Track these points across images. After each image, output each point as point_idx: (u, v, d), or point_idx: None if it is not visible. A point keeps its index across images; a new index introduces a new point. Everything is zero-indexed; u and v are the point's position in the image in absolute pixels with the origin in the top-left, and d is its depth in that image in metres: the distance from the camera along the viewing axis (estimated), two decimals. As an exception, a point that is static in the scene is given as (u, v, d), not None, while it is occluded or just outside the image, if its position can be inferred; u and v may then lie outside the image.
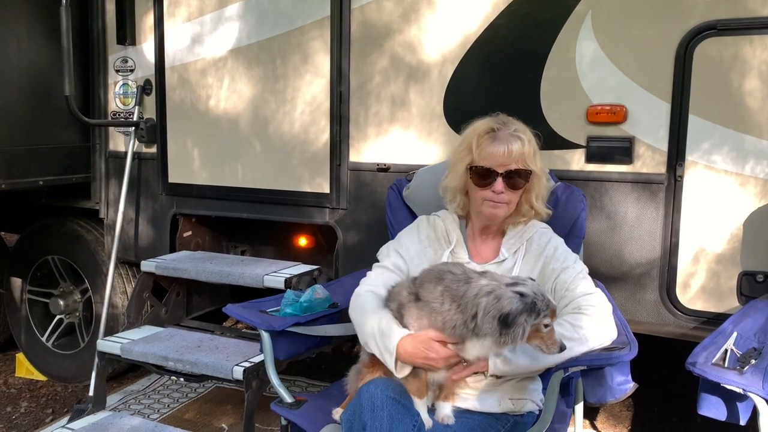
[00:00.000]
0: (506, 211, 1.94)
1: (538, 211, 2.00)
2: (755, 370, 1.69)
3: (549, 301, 1.66)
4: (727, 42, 2.22)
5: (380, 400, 1.65)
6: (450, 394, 1.82)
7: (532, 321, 1.62)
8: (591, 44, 2.40)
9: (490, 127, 1.93)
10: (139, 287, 3.21)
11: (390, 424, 1.63)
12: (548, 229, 2.04)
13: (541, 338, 1.66)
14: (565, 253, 1.95)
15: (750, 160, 2.23)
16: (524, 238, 1.98)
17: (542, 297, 1.65)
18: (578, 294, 1.84)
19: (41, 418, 3.44)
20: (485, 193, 1.91)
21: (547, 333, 1.66)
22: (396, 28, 2.71)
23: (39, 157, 3.30)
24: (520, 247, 1.97)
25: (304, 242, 3.41)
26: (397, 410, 1.65)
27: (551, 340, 1.66)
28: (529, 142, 1.93)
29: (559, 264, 1.91)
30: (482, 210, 1.94)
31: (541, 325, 1.64)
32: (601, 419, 3.18)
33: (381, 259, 2.05)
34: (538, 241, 1.97)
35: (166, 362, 2.82)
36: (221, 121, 3.16)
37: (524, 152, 1.89)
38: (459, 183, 2.00)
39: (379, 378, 1.78)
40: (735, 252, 2.27)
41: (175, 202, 3.34)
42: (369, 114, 2.81)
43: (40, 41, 3.27)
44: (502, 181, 1.88)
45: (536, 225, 2.01)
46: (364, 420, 1.64)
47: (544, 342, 1.66)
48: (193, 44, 3.18)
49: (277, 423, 2.14)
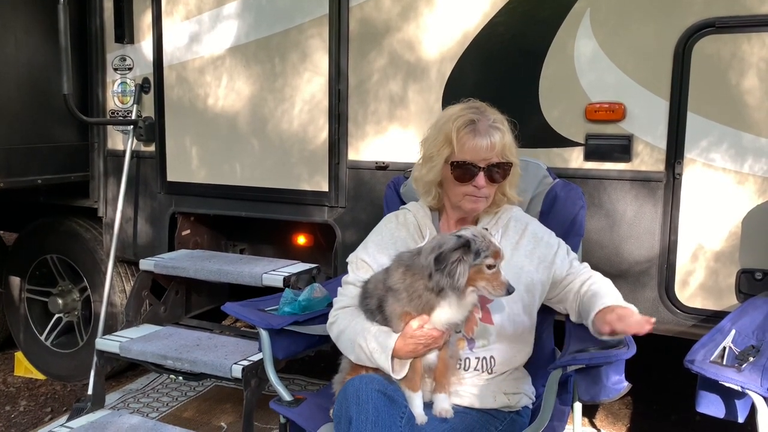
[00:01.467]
0: (486, 204, 1.92)
1: (510, 198, 1.99)
2: (753, 368, 1.69)
3: (491, 243, 1.69)
4: (725, 39, 2.22)
5: (365, 393, 1.63)
6: (444, 384, 1.81)
7: (471, 260, 1.65)
8: (589, 42, 2.39)
9: (470, 119, 1.86)
10: (137, 286, 3.20)
11: (376, 417, 1.60)
12: (519, 210, 2.03)
13: (487, 280, 1.69)
14: (546, 237, 1.97)
15: (748, 157, 2.23)
16: (500, 224, 1.96)
17: (482, 238, 1.68)
18: (581, 270, 1.94)
19: (40, 416, 3.44)
20: (466, 188, 1.87)
21: (492, 274, 1.68)
22: (395, 25, 2.71)
23: (37, 156, 3.30)
24: (496, 234, 1.92)
25: (303, 241, 3.40)
26: (383, 403, 1.63)
27: (497, 281, 1.69)
28: (508, 132, 1.90)
29: (546, 250, 1.94)
30: (462, 205, 1.91)
31: (484, 266, 1.67)
32: (600, 417, 3.18)
33: (350, 270, 2.00)
34: (514, 226, 1.97)
35: (165, 361, 2.81)
36: (220, 119, 3.16)
37: (505, 143, 1.86)
38: (436, 177, 1.93)
39: (364, 374, 1.76)
40: (733, 250, 2.27)
41: (174, 200, 3.33)
42: (368, 112, 2.81)
43: (38, 39, 3.26)
44: (484, 175, 1.85)
45: (509, 210, 2.00)
46: (350, 414, 1.62)
47: (491, 284, 1.69)
48: (192, 42, 3.18)
49: (276, 421, 2.14)
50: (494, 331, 1.88)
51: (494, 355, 1.89)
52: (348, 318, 1.88)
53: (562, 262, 1.93)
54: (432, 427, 1.73)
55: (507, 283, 1.69)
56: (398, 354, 1.73)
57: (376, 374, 1.74)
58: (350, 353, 1.83)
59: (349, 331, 1.84)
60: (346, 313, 1.90)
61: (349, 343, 1.83)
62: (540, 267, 1.92)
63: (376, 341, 1.76)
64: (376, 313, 1.80)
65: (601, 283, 1.90)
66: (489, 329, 1.88)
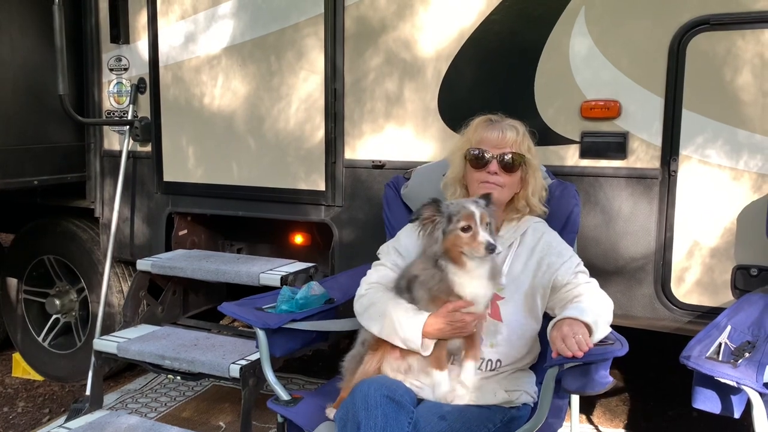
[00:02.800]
0: (500, 194, 1.99)
1: (533, 207, 2.05)
2: (749, 364, 1.70)
3: (463, 207, 1.80)
4: (720, 37, 2.23)
5: (374, 398, 1.66)
6: (474, 352, 1.87)
7: (444, 223, 1.79)
8: (585, 40, 2.40)
9: (488, 117, 2.06)
10: (135, 286, 3.20)
11: (384, 423, 1.63)
12: (542, 223, 2.07)
13: (466, 243, 1.77)
14: (560, 248, 1.99)
15: (743, 154, 2.24)
16: (518, 232, 2.02)
17: (456, 203, 1.83)
18: (581, 282, 1.92)
19: (38, 417, 3.43)
20: (481, 174, 1.98)
21: (469, 236, 1.77)
22: (390, 24, 2.71)
23: (33, 157, 3.30)
24: (514, 242, 2.01)
25: (300, 240, 3.41)
26: (392, 408, 1.66)
27: (475, 242, 1.77)
28: (524, 135, 2.02)
29: (556, 259, 1.95)
30: (479, 193, 1.98)
31: (458, 230, 1.77)
32: (597, 414, 3.19)
33: (381, 257, 2.10)
34: (531, 235, 2.02)
35: (163, 361, 2.81)
36: (216, 119, 3.15)
37: (518, 140, 1.99)
38: (458, 173, 2.07)
39: (372, 377, 1.80)
40: (729, 246, 2.28)
41: (171, 200, 3.33)
42: (364, 111, 2.81)
43: (33, 40, 3.25)
44: (497, 163, 1.97)
45: (530, 220, 2.05)
46: (358, 419, 1.65)
47: (470, 246, 1.77)
48: (187, 42, 3.17)
49: (274, 421, 2.14)
50: (503, 330, 1.92)
51: (500, 358, 1.93)
52: (380, 293, 1.96)
53: (566, 271, 1.93)
54: (431, 426, 1.74)
55: (486, 242, 1.76)
56: (426, 330, 1.81)
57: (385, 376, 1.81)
58: (375, 324, 1.89)
59: (380, 303, 1.91)
60: (377, 289, 1.98)
61: (377, 314, 1.89)
62: (546, 273, 1.95)
63: (406, 315, 1.84)
64: (405, 292, 1.90)
65: (587, 294, 1.87)
66: (498, 327, 1.93)
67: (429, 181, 2.30)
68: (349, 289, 2.32)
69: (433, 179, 2.24)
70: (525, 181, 2.03)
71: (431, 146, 2.69)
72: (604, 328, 1.77)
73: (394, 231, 2.37)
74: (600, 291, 1.91)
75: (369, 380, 1.75)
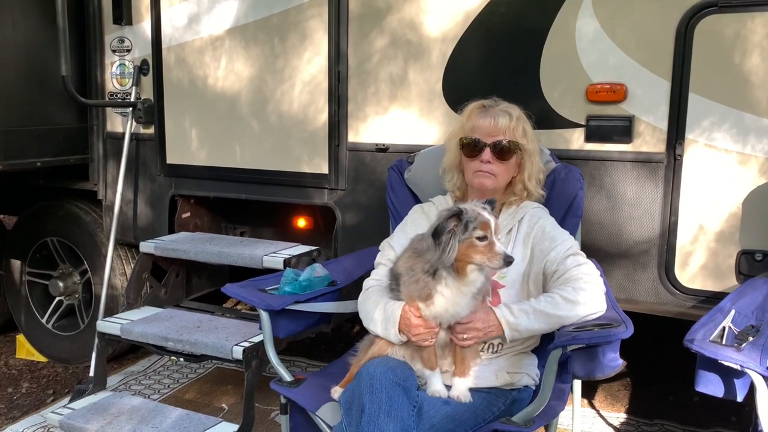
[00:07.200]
0: (495, 183, 1.98)
1: (531, 191, 2.04)
2: (753, 347, 1.69)
3: (479, 214, 1.72)
4: (728, 19, 2.20)
5: (379, 382, 1.67)
6: (464, 369, 1.85)
7: (461, 234, 1.69)
8: (591, 22, 2.37)
9: (481, 104, 2.04)
10: (138, 268, 3.21)
11: (389, 406, 1.64)
12: (540, 208, 2.05)
13: (481, 253, 1.70)
14: (553, 233, 1.97)
15: (750, 138, 2.22)
16: (516, 218, 2.01)
17: (472, 210, 1.73)
18: (569, 266, 1.87)
19: (42, 398, 3.46)
20: (474, 163, 1.98)
21: (485, 246, 1.70)
22: (395, 5, 2.69)
23: (36, 138, 3.29)
24: (513, 227, 2.00)
25: (303, 223, 3.40)
26: (397, 392, 1.66)
27: (491, 253, 1.71)
28: (518, 119, 2.00)
29: (548, 244, 1.93)
30: (473, 182, 2.00)
31: (474, 239, 1.70)
32: (599, 398, 3.20)
33: (378, 254, 2.13)
34: (528, 221, 2.00)
35: (166, 342, 2.82)
36: (219, 101, 3.14)
37: (511, 126, 1.97)
38: (454, 160, 2.08)
39: (378, 359, 1.80)
40: (734, 231, 2.27)
41: (174, 183, 3.33)
42: (368, 93, 2.79)
43: (36, 21, 3.23)
44: (490, 151, 1.96)
45: (528, 205, 2.04)
46: (363, 402, 1.65)
47: (485, 256, 1.71)
48: (191, 23, 3.15)
49: (277, 402, 2.15)
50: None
51: (502, 341, 1.92)
52: (373, 291, 1.99)
53: (555, 257, 1.90)
54: (435, 410, 1.75)
55: (503, 253, 1.71)
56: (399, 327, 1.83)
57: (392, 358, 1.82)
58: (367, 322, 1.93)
59: (369, 302, 1.95)
60: (374, 288, 2.01)
61: (365, 313, 1.94)
62: (538, 259, 1.94)
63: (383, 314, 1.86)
64: (396, 291, 1.88)
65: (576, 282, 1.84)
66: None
67: (432, 165, 2.29)
68: (352, 272, 2.33)
69: (436, 163, 2.24)
70: (521, 166, 2.02)
71: (436, 129, 2.67)
72: (542, 327, 1.81)
73: (397, 215, 2.37)
74: (589, 274, 1.85)
75: (375, 362, 1.75)
